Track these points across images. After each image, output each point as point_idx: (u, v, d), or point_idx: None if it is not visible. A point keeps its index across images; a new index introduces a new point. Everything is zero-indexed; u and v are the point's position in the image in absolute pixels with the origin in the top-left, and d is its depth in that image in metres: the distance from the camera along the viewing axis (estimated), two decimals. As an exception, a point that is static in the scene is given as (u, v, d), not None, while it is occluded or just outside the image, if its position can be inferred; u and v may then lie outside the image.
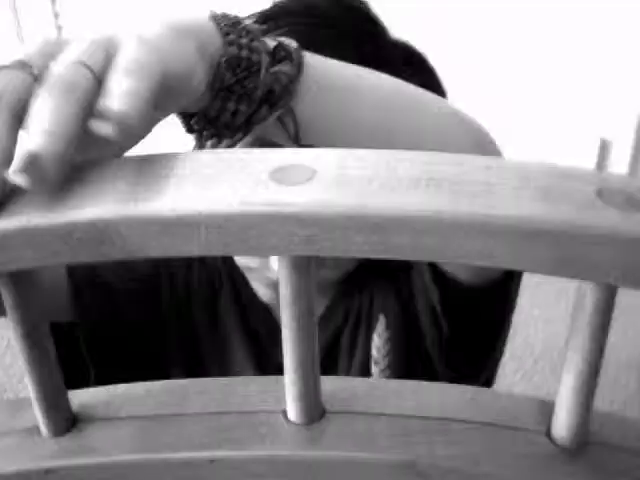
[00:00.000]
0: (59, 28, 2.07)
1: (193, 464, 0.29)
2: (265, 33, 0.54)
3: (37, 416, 0.30)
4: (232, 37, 0.38)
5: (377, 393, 0.31)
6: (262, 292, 0.68)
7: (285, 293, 0.27)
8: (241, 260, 0.65)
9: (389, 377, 0.67)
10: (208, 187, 0.25)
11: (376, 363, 0.67)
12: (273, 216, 0.24)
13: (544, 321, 1.89)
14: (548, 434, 0.29)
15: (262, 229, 0.24)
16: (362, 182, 0.25)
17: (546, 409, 0.30)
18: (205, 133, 0.40)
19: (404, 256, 0.24)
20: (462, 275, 0.59)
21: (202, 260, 0.71)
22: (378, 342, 0.67)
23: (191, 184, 0.25)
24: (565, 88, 1.91)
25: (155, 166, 0.27)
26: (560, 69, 1.89)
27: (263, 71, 0.39)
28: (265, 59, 0.39)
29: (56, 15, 2.05)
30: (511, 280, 0.62)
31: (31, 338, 0.28)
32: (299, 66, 0.40)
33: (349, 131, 0.43)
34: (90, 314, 0.65)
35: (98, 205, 0.25)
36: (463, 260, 0.24)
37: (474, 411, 0.30)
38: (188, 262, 0.70)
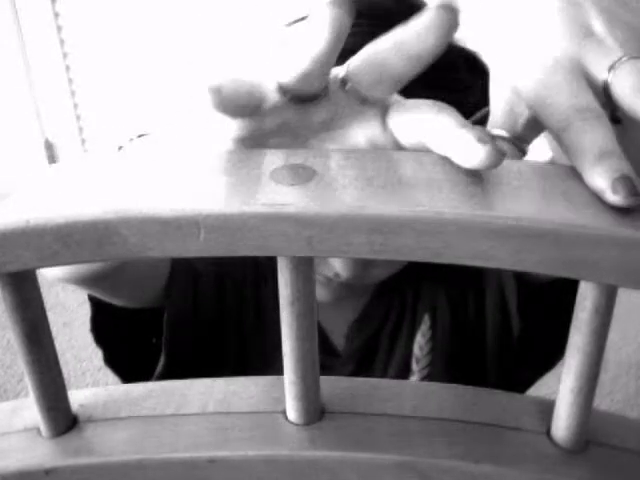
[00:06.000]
0: (59, 28, 2.07)
1: (193, 464, 0.29)
2: None
3: (37, 416, 0.30)
4: None
5: (377, 393, 0.31)
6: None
7: (285, 293, 0.27)
8: None
9: (427, 375, 0.67)
10: (208, 187, 0.25)
11: (417, 361, 0.67)
12: (273, 216, 0.24)
13: (544, 321, 1.89)
14: (548, 434, 0.29)
15: (262, 229, 0.24)
16: (362, 182, 0.25)
17: (546, 409, 0.30)
18: None
19: (404, 256, 0.24)
20: (542, 275, 0.59)
21: (253, 259, 0.70)
22: (421, 341, 0.67)
23: (191, 184, 0.25)
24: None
25: (155, 166, 0.27)
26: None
27: None
28: None
29: (56, 15, 2.05)
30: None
31: (31, 338, 0.28)
32: None
33: None
34: (177, 299, 0.65)
35: (98, 205, 0.25)
36: (463, 261, 0.24)
37: (474, 411, 0.30)
38: (244, 260, 0.69)
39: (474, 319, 0.68)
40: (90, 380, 1.79)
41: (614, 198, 0.24)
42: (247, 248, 0.25)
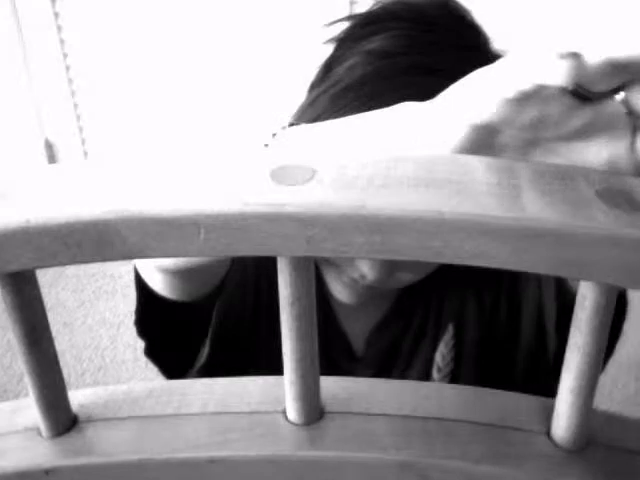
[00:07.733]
0: (59, 28, 2.07)
1: (193, 464, 0.29)
2: (373, 34, 0.54)
3: (37, 416, 0.30)
4: None
5: (377, 393, 0.31)
6: (338, 291, 0.65)
7: (285, 293, 0.27)
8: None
9: (448, 382, 0.67)
10: (208, 187, 0.25)
11: (439, 370, 0.67)
12: (273, 216, 0.24)
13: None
14: (548, 434, 0.29)
15: (262, 229, 0.24)
16: (362, 182, 0.25)
17: (546, 409, 0.30)
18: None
19: (404, 256, 0.24)
20: None
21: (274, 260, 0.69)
22: (444, 350, 0.66)
23: (191, 184, 0.25)
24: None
25: (154, 166, 0.27)
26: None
27: None
28: None
29: (56, 15, 2.05)
30: (624, 297, 0.61)
31: (31, 338, 0.28)
32: None
33: None
34: (229, 295, 0.65)
35: (98, 205, 0.25)
36: (463, 261, 0.24)
37: (474, 411, 0.30)
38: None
39: (506, 332, 0.67)
40: (90, 380, 1.79)
41: None
42: (247, 248, 0.25)
